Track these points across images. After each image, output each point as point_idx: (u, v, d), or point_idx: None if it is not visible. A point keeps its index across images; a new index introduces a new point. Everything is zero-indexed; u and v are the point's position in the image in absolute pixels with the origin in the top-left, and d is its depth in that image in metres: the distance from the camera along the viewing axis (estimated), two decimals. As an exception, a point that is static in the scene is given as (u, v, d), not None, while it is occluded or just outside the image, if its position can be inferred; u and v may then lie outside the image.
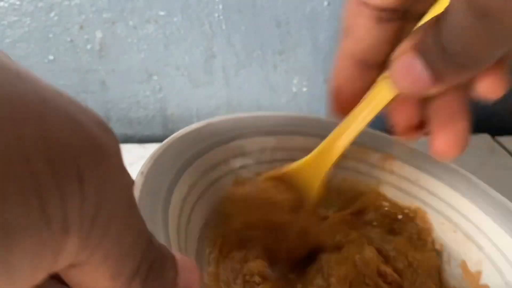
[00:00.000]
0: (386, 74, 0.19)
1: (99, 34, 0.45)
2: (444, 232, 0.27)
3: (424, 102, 0.19)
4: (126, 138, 0.53)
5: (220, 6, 0.44)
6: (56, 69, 0.47)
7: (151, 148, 0.47)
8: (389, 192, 0.29)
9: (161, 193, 0.20)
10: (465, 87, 0.17)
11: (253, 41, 0.47)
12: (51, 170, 0.09)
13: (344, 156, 0.28)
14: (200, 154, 0.24)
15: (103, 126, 0.11)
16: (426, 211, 0.28)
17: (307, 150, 0.27)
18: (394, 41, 0.19)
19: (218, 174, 0.25)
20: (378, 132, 0.30)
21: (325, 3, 0.45)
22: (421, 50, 0.16)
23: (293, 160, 0.26)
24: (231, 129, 0.27)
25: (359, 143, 0.28)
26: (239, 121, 0.27)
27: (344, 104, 0.20)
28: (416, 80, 0.16)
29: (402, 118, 0.19)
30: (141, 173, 0.21)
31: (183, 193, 0.22)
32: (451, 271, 0.27)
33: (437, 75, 0.16)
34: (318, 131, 0.29)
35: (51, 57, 0.46)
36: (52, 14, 0.44)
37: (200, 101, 0.51)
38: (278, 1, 0.45)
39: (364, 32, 0.18)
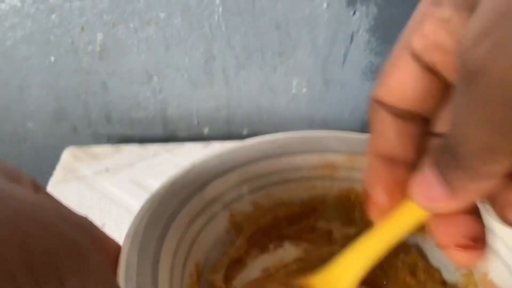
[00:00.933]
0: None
1: (100, 36, 0.45)
2: None
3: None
4: (127, 139, 0.53)
5: (220, 9, 0.45)
6: (57, 71, 0.47)
7: (152, 149, 0.48)
8: None
9: (150, 251, 0.20)
10: None
11: (252, 43, 0.47)
12: (34, 280, 0.10)
13: (339, 167, 0.29)
14: (181, 207, 0.24)
15: (83, 229, 0.13)
16: None
17: (294, 170, 0.28)
18: (419, 139, 0.17)
19: (206, 219, 0.25)
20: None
21: (324, 5, 0.45)
22: (433, 159, 0.15)
23: (288, 180, 0.27)
24: (211, 170, 0.27)
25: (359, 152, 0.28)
26: (223, 157, 0.28)
27: (380, 202, 0.18)
28: (431, 198, 0.15)
29: (448, 236, 0.16)
30: (127, 235, 0.20)
31: (172, 249, 0.22)
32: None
33: (452, 189, 0.14)
34: (305, 148, 0.29)
35: (52, 59, 0.46)
36: (53, 16, 0.44)
37: (200, 102, 0.51)
38: (278, 4, 0.45)
39: (382, 125, 0.17)
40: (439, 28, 0.15)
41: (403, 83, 0.16)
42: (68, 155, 0.47)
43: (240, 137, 0.54)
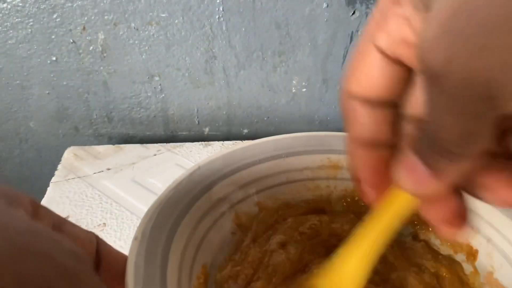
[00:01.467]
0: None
1: (101, 36, 0.46)
2: None
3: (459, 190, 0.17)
4: (128, 138, 0.53)
5: (221, 8, 0.45)
6: (59, 70, 0.47)
7: (153, 148, 0.48)
8: None
9: (157, 254, 0.20)
10: None
11: (253, 43, 0.47)
12: None
13: (342, 168, 0.29)
14: (187, 210, 0.24)
15: (76, 256, 0.13)
16: None
17: (299, 170, 0.28)
18: (393, 121, 0.18)
19: (212, 220, 0.25)
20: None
21: (324, 5, 0.46)
22: (414, 145, 0.16)
23: (293, 181, 0.27)
24: (221, 168, 0.27)
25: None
26: (227, 158, 0.28)
27: (370, 187, 0.19)
28: (416, 180, 0.16)
29: (437, 214, 0.17)
30: (135, 238, 0.20)
31: (179, 250, 0.22)
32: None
33: (433, 171, 0.15)
34: (309, 148, 0.29)
35: (53, 58, 0.47)
36: (54, 16, 0.44)
37: (201, 102, 0.51)
38: (278, 3, 0.45)
39: (357, 115, 0.18)
40: (401, 25, 0.16)
41: (371, 75, 0.17)
42: (69, 155, 0.47)
43: (240, 136, 0.54)
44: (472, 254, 0.26)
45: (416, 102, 0.18)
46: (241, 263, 0.26)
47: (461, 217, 0.17)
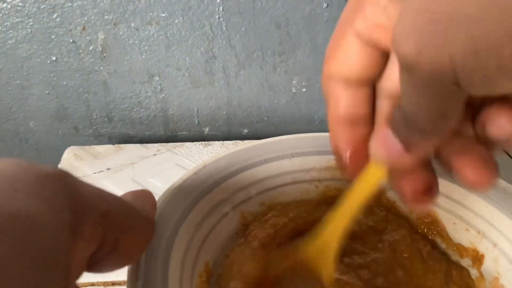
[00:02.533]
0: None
1: (101, 36, 0.46)
2: (457, 231, 0.27)
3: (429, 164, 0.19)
4: (128, 138, 0.53)
5: (221, 8, 0.45)
6: (59, 70, 0.47)
7: (153, 148, 0.48)
8: (393, 194, 0.29)
9: (160, 250, 0.20)
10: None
11: (253, 43, 0.47)
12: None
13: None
14: (190, 209, 0.24)
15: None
16: (436, 212, 0.28)
17: (305, 171, 0.27)
18: (372, 101, 0.20)
19: (217, 219, 0.25)
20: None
21: (324, 5, 0.46)
22: (390, 122, 0.17)
23: (297, 182, 0.27)
24: (226, 167, 0.27)
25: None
26: (233, 157, 0.28)
27: (350, 164, 0.21)
28: (390, 153, 0.17)
29: (408, 187, 0.19)
30: None
31: (182, 248, 0.22)
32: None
33: (406, 145, 0.16)
34: (315, 149, 0.29)
35: (53, 58, 0.47)
36: (54, 16, 0.44)
37: (201, 102, 0.51)
38: (278, 3, 0.45)
39: (338, 96, 0.20)
40: (377, 12, 0.17)
41: (349, 56, 0.19)
42: (69, 155, 0.47)
43: (240, 136, 0.54)
44: (478, 259, 0.26)
45: (392, 77, 0.19)
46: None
47: (430, 190, 0.19)
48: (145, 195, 0.20)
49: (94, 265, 0.16)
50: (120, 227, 0.16)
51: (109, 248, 0.16)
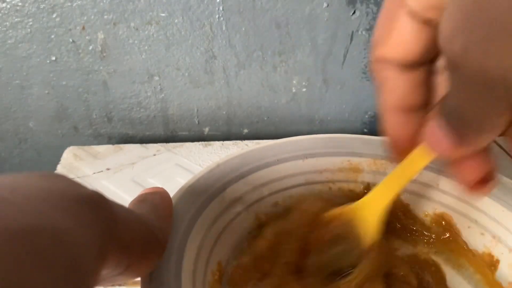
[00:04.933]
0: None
1: (101, 35, 0.45)
2: (472, 235, 0.27)
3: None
4: (128, 138, 0.53)
5: (221, 8, 0.45)
6: (58, 70, 0.47)
7: (152, 148, 0.48)
8: (405, 198, 0.29)
9: (173, 249, 0.20)
10: None
11: (253, 42, 0.47)
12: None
13: (363, 171, 0.29)
14: (203, 207, 0.24)
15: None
16: (451, 215, 0.27)
17: (318, 172, 0.27)
18: (428, 84, 0.19)
19: (230, 218, 0.25)
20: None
21: (324, 5, 0.46)
22: (440, 116, 0.16)
23: (310, 183, 0.27)
24: (238, 167, 0.27)
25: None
26: (246, 157, 0.27)
27: (402, 149, 0.21)
28: (442, 147, 0.17)
29: (463, 174, 0.19)
30: None
31: (195, 247, 0.22)
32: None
33: (458, 140, 0.16)
34: (329, 150, 0.29)
35: (53, 58, 0.46)
36: (54, 15, 0.44)
37: (201, 102, 0.51)
38: (278, 3, 0.45)
39: (393, 83, 0.19)
40: None
41: (404, 38, 0.18)
42: (69, 155, 0.47)
43: (240, 136, 0.54)
44: (493, 264, 0.26)
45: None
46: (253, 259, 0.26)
47: (489, 174, 0.18)
48: (165, 204, 0.20)
49: (101, 282, 0.16)
50: (138, 255, 0.16)
51: (121, 270, 0.15)
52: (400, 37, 0.18)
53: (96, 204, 0.14)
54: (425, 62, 0.19)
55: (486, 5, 0.11)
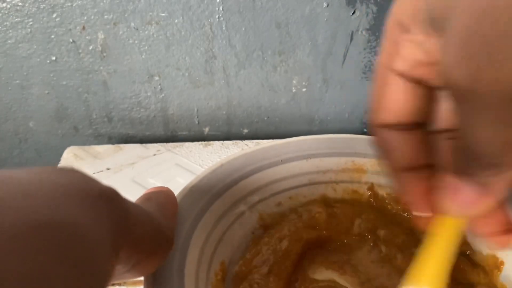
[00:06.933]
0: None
1: (101, 35, 0.45)
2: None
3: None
4: (128, 138, 0.53)
5: (221, 8, 0.45)
6: (58, 70, 0.47)
7: (153, 148, 0.48)
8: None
9: (176, 249, 0.20)
10: None
11: (253, 42, 0.47)
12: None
13: (367, 172, 0.29)
14: (209, 205, 0.24)
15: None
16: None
17: (322, 172, 0.27)
18: (427, 142, 0.19)
19: (233, 218, 0.25)
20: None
21: (324, 4, 0.46)
22: (455, 167, 0.16)
23: (313, 184, 0.27)
24: (243, 166, 0.27)
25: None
26: (250, 157, 0.27)
27: (421, 206, 0.20)
28: (465, 202, 0.16)
29: (486, 229, 0.18)
30: None
31: (198, 247, 0.22)
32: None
33: (482, 186, 0.15)
34: (333, 150, 0.29)
35: (53, 58, 0.46)
36: (54, 15, 0.44)
37: (201, 101, 0.51)
38: (278, 3, 0.45)
39: (395, 145, 0.19)
40: (414, 49, 0.17)
41: (397, 100, 0.18)
42: (69, 155, 0.47)
43: (240, 136, 0.54)
44: (496, 266, 0.25)
45: (444, 116, 0.18)
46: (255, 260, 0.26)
47: (510, 225, 0.17)
48: (170, 202, 0.20)
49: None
50: (147, 252, 0.16)
51: (129, 267, 0.16)
52: (392, 99, 0.18)
53: (110, 200, 0.14)
54: (419, 124, 0.19)
55: (488, 21, 0.11)
